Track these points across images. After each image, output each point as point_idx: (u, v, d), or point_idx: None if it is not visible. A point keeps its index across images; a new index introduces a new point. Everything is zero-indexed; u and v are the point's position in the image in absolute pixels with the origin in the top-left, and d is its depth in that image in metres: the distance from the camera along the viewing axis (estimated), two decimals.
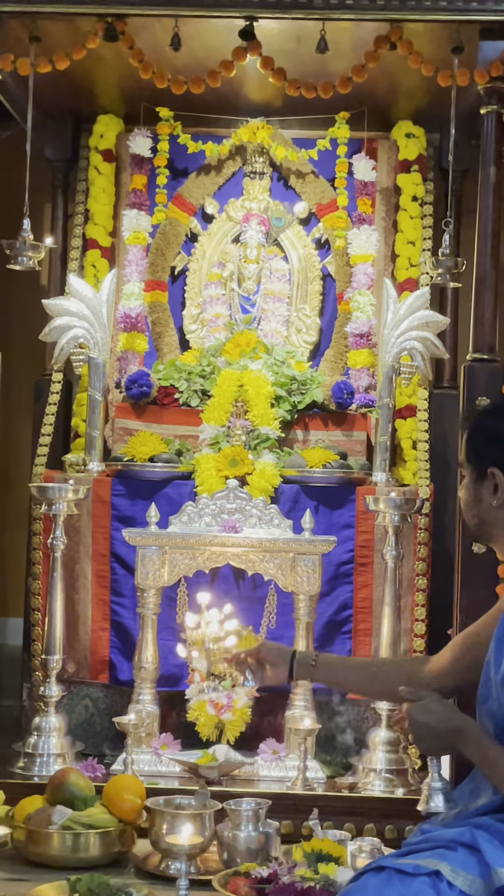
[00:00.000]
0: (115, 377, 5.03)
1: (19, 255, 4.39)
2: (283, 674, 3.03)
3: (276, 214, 5.18)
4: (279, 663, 3.03)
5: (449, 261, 4.35)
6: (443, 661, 2.89)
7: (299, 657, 3.02)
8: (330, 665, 3.04)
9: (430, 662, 2.93)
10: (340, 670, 3.06)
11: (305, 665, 3.00)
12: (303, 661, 3.01)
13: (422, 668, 2.91)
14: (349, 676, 3.06)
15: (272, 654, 3.07)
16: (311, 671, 3.00)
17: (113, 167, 5.23)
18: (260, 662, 3.07)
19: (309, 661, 3.01)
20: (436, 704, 2.55)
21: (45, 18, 4.27)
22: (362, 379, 4.95)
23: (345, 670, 3.07)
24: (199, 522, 4.28)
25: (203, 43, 4.43)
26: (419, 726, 2.55)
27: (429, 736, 2.55)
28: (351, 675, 3.05)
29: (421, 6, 4.15)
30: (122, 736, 4.07)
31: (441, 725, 2.53)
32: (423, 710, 2.56)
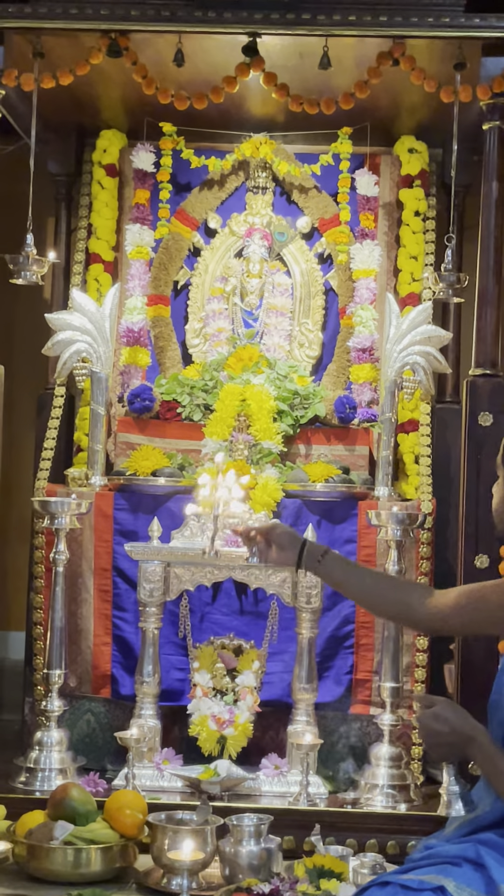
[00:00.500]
0: (118, 391, 5.04)
1: (23, 269, 4.41)
2: (290, 559, 3.00)
3: (278, 229, 5.19)
4: (288, 547, 3.00)
5: (451, 276, 4.36)
6: (445, 603, 2.81)
7: (309, 547, 2.98)
8: (335, 565, 2.97)
9: (431, 596, 2.84)
10: (342, 574, 2.98)
11: (313, 558, 2.97)
12: (312, 552, 2.97)
13: (421, 599, 2.84)
14: (349, 582, 2.98)
15: (284, 537, 3.03)
16: (315, 566, 2.97)
17: (116, 182, 5.25)
18: (268, 542, 3.03)
19: (317, 555, 2.97)
20: (448, 712, 2.55)
21: (49, 34, 4.30)
22: (365, 393, 4.95)
23: (346, 575, 2.98)
24: (201, 537, 4.28)
25: (206, 59, 4.45)
26: (430, 733, 2.55)
27: (440, 742, 2.55)
28: (351, 581, 2.98)
29: (424, 23, 4.18)
30: (124, 751, 4.06)
31: (452, 732, 2.53)
32: (435, 717, 2.55)
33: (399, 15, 4.18)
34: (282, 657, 4.38)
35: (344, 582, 2.99)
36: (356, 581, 2.97)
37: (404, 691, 4.32)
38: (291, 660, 4.28)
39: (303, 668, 4.21)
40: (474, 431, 4.27)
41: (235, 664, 4.29)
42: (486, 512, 4.19)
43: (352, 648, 4.47)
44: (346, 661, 4.47)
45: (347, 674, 4.46)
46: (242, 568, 4.24)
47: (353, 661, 4.47)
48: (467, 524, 4.22)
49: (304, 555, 2.97)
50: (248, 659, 4.29)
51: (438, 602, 2.81)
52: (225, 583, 4.40)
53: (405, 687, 4.33)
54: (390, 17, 4.17)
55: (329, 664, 4.45)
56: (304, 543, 3.00)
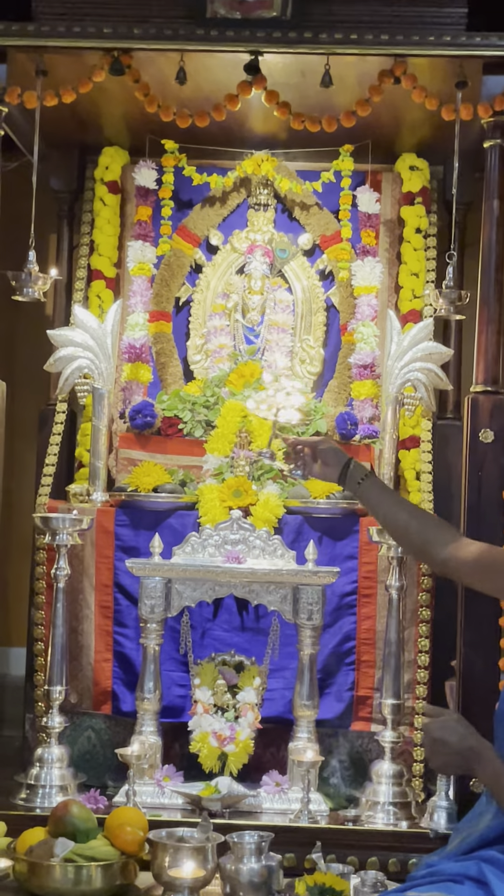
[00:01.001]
0: (120, 407, 5.05)
1: (25, 286, 4.42)
2: (333, 475, 3.04)
3: (280, 246, 5.20)
4: (332, 464, 3.04)
5: (453, 293, 4.37)
6: (465, 553, 2.79)
7: (353, 468, 3.01)
8: (373, 489, 2.99)
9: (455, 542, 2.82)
10: (378, 500, 2.99)
11: (354, 479, 3.00)
12: (354, 473, 3.00)
13: (444, 542, 2.83)
14: (382, 509, 2.99)
15: (329, 454, 3.07)
16: (355, 487, 3.00)
17: (118, 199, 5.26)
18: (314, 456, 3.08)
19: (358, 476, 2.99)
20: (454, 723, 2.54)
21: (52, 52, 4.32)
22: (366, 410, 4.96)
23: (381, 502, 2.98)
24: (202, 553, 4.28)
25: (208, 76, 4.46)
26: (436, 742, 2.54)
27: (444, 753, 2.54)
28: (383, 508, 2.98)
29: (425, 41, 4.19)
30: (125, 767, 4.06)
31: (457, 744, 2.52)
32: (442, 727, 2.55)
33: (400, 33, 4.20)
34: (283, 674, 4.37)
35: (377, 507, 3.00)
36: (388, 509, 2.97)
37: (405, 708, 4.31)
38: (292, 676, 4.27)
39: (304, 684, 4.21)
40: (475, 448, 4.27)
41: (236, 681, 4.28)
42: (488, 529, 4.21)
43: (353, 665, 4.46)
44: (348, 678, 4.46)
45: (349, 690, 4.46)
46: (243, 584, 4.24)
47: (354, 678, 4.46)
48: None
49: (348, 474, 3.01)
50: (249, 675, 4.28)
51: (459, 550, 2.80)
52: (226, 599, 4.40)
53: (406, 704, 4.33)
54: (392, 35, 4.19)
55: (330, 681, 4.44)
56: (349, 463, 3.03)
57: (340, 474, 3.02)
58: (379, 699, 4.32)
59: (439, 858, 2.60)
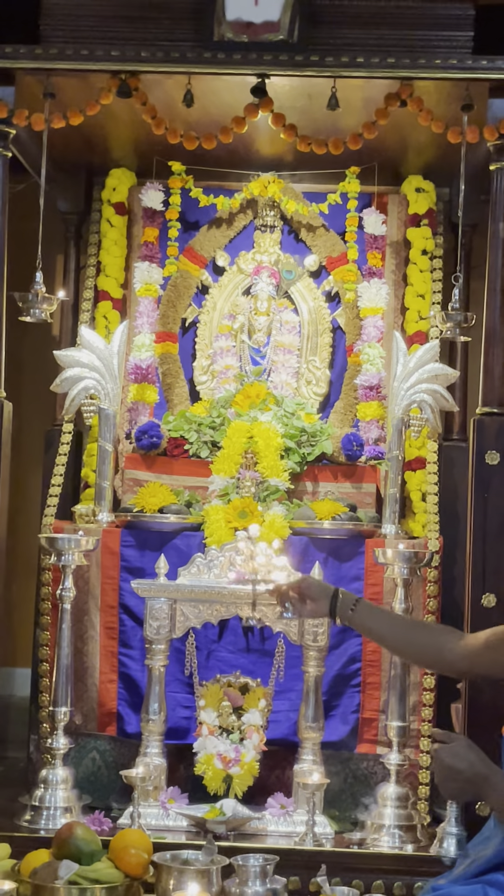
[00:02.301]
0: (126, 428, 5.05)
1: (32, 307, 4.43)
2: (323, 609, 3.09)
3: (286, 267, 5.22)
4: (320, 598, 3.09)
5: (459, 315, 4.38)
6: (474, 644, 2.88)
7: (342, 599, 3.06)
8: (368, 615, 3.06)
9: (462, 639, 2.92)
10: (375, 623, 3.06)
11: (346, 607, 3.04)
12: (344, 603, 3.05)
13: (452, 642, 2.91)
14: (383, 631, 3.07)
15: (313, 589, 3.12)
16: (349, 615, 3.04)
17: (125, 220, 5.28)
18: (301, 596, 3.13)
19: (349, 604, 3.04)
20: (464, 750, 2.54)
21: (59, 75, 4.34)
22: (372, 431, 4.96)
23: (379, 624, 3.07)
24: (208, 574, 4.28)
25: (215, 99, 4.48)
26: (446, 769, 2.54)
27: (454, 779, 2.54)
28: (385, 630, 3.06)
29: (431, 64, 4.21)
30: (130, 789, 4.04)
31: (467, 770, 2.52)
32: (452, 754, 2.55)
33: (407, 57, 4.22)
34: (288, 696, 4.36)
35: (378, 632, 3.09)
36: (388, 629, 3.06)
37: (411, 731, 4.30)
38: (298, 698, 4.26)
39: (309, 706, 4.20)
40: (481, 470, 4.27)
41: (242, 702, 4.27)
42: (494, 550, 4.20)
43: (358, 687, 4.45)
44: (353, 700, 4.45)
45: (354, 713, 4.45)
46: (249, 606, 4.23)
47: (359, 700, 4.45)
48: (474, 562, 4.21)
49: (338, 605, 3.06)
50: (254, 697, 4.27)
51: (468, 644, 2.89)
52: (231, 620, 4.39)
53: (412, 726, 4.31)
54: (398, 58, 4.21)
55: (336, 703, 4.43)
56: (336, 594, 3.08)
57: (330, 606, 3.08)
58: (384, 721, 4.30)
59: (446, 882, 2.59)
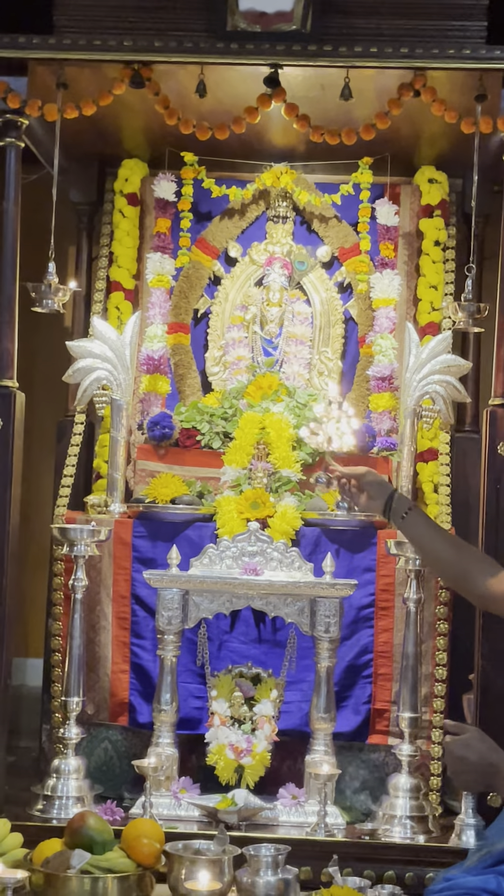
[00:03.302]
0: (138, 419, 5.05)
1: (44, 297, 4.43)
2: (378, 507, 3.16)
3: (298, 258, 5.21)
4: (376, 497, 3.16)
5: (471, 305, 4.37)
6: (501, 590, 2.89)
7: (396, 501, 3.12)
8: (416, 525, 3.10)
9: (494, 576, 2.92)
10: (422, 534, 3.11)
11: (398, 513, 3.11)
12: (398, 507, 3.12)
13: (483, 575, 2.93)
14: (425, 543, 3.11)
15: (373, 486, 3.18)
16: (399, 520, 3.11)
17: (137, 211, 5.28)
18: (360, 489, 3.19)
19: (402, 510, 3.11)
20: (476, 741, 2.54)
21: (72, 65, 4.33)
22: (384, 422, 4.95)
23: (425, 536, 3.10)
24: (220, 565, 4.28)
25: (228, 90, 4.47)
26: (458, 760, 2.55)
27: (466, 771, 2.54)
28: (425, 542, 3.11)
29: (445, 54, 4.19)
30: (142, 779, 4.05)
31: (479, 762, 2.52)
32: (464, 745, 2.55)
33: (420, 47, 4.20)
34: (300, 686, 4.37)
35: (421, 539, 3.11)
36: (431, 542, 3.08)
37: (423, 722, 4.30)
38: (309, 689, 4.26)
39: (321, 697, 4.20)
40: (494, 461, 4.26)
41: (253, 693, 4.28)
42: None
43: (370, 678, 4.45)
44: (365, 691, 4.45)
45: (366, 704, 4.45)
46: (261, 596, 4.24)
47: (371, 691, 4.45)
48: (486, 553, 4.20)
49: (392, 507, 3.11)
50: (266, 688, 4.27)
51: (495, 585, 2.86)
52: (243, 611, 4.40)
53: (424, 717, 4.31)
54: (411, 48, 4.19)
55: (347, 694, 4.43)
56: (393, 494, 3.13)
57: (385, 506, 3.13)
58: (396, 712, 4.30)
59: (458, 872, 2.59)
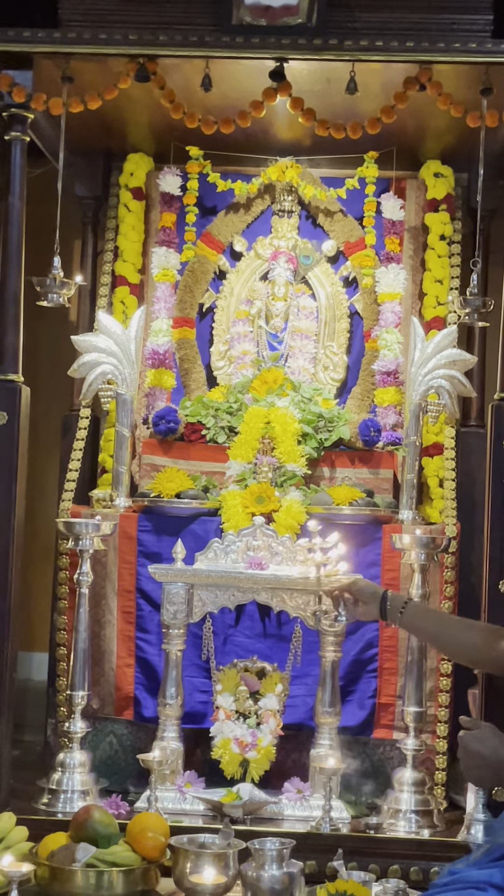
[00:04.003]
0: (143, 413, 5.05)
1: (49, 291, 4.43)
2: (374, 612, 3.25)
3: (304, 252, 5.20)
4: (370, 602, 3.26)
5: (477, 300, 4.36)
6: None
7: (391, 601, 3.21)
8: (416, 616, 3.20)
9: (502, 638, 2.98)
10: (425, 624, 3.21)
11: (395, 610, 3.20)
12: (394, 605, 3.20)
13: (490, 640, 2.98)
14: (432, 631, 3.21)
15: (364, 593, 3.28)
16: (398, 617, 3.19)
17: (142, 205, 5.27)
18: (355, 598, 3.28)
19: (398, 607, 3.19)
20: (490, 736, 2.55)
21: (77, 59, 4.32)
22: (389, 417, 4.95)
23: (429, 624, 3.21)
24: (225, 559, 4.28)
25: (233, 83, 4.47)
26: (471, 755, 2.56)
27: (479, 766, 2.55)
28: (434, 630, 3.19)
29: (451, 48, 4.18)
30: (147, 773, 4.05)
31: (492, 757, 2.53)
32: (477, 740, 2.56)
33: (426, 40, 4.19)
34: (305, 680, 4.37)
35: (424, 630, 3.24)
36: (434, 629, 3.19)
37: (427, 716, 4.30)
38: (314, 683, 4.26)
39: (326, 691, 4.20)
40: (499, 455, 4.25)
41: (258, 687, 4.28)
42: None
43: (375, 672, 4.45)
44: (370, 686, 4.45)
45: (371, 698, 4.45)
46: (266, 591, 4.24)
47: (376, 686, 4.45)
48: (492, 548, 4.20)
49: (388, 608, 3.22)
50: (271, 682, 4.27)
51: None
52: (248, 605, 4.40)
53: (429, 712, 4.31)
54: (417, 42, 4.19)
55: (352, 688, 4.44)
56: (384, 596, 3.22)
57: (380, 608, 3.22)
58: (401, 707, 4.30)
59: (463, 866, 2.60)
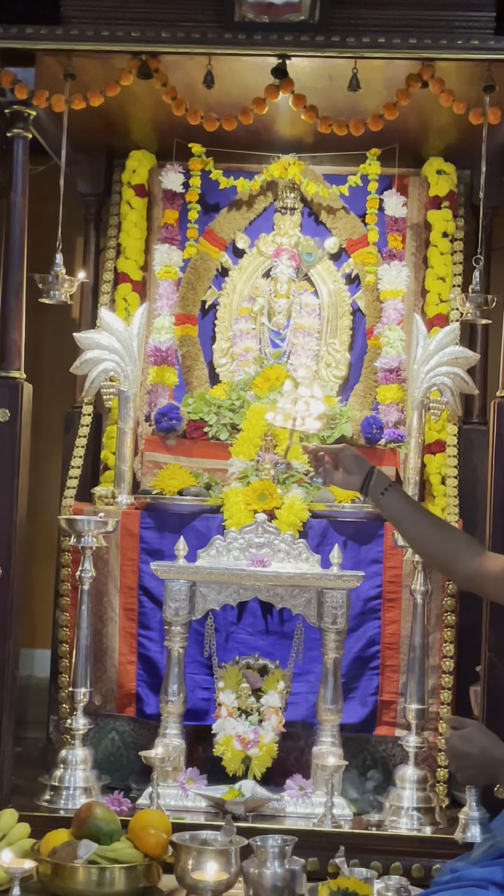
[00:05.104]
0: (145, 410, 5.06)
1: (51, 289, 4.43)
2: (355, 483, 3.06)
3: (306, 250, 5.20)
4: (354, 472, 3.06)
5: (479, 297, 4.36)
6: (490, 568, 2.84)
7: (376, 478, 3.03)
8: (396, 500, 3.02)
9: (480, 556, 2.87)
10: (401, 510, 3.02)
11: (377, 489, 3.02)
12: (377, 484, 3.02)
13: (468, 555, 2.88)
14: (405, 521, 3.02)
15: (351, 461, 3.08)
16: (378, 497, 3.02)
17: (145, 202, 5.27)
18: (335, 463, 3.09)
19: (381, 486, 3.01)
20: (478, 735, 2.55)
21: (80, 56, 4.32)
22: (391, 414, 4.95)
23: (405, 514, 3.01)
24: (227, 556, 4.28)
25: (236, 80, 4.46)
26: (459, 755, 2.55)
27: (468, 765, 2.54)
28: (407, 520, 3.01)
29: (453, 45, 4.17)
30: (149, 770, 4.05)
31: (481, 755, 2.52)
32: (465, 740, 2.55)
33: (428, 37, 4.19)
34: (307, 678, 4.37)
35: (400, 518, 3.02)
36: (411, 521, 3.00)
37: (430, 713, 4.30)
38: (317, 680, 4.27)
39: (328, 688, 4.20)
40: (502, 453, 4.25)
41: (260, 684, 4.28)
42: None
43: (377, 670, 4.46)
44: (372, 683, 4.46)
45: (373, 695, 4.45)
46: (268, 588, 4.24)
47: (378, 683, 4.46)
48: (494, 545, 4.19)
49: (371, 483, 3.02)
50: (273, 679, 4.28)
51: (484, 565, 2.83)
52: (250, 602, 4.40)
53: (431, 709, 4.32)
54: (419, 39, 4.18)
55: (354, 685, 4.44)
56: (372, 471, 3.03)
57: (363, 483, 3.03)
58: (403, 704, 4.30)
59: (464, 864, 2.60)
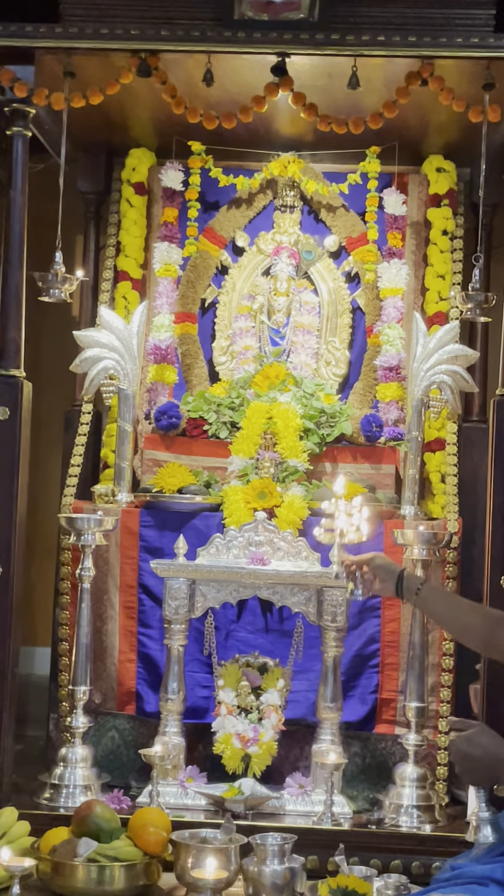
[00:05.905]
0: (145, 408, 5.06)
1: (51, 287, 4.43)
2: (390, 589, 3.20)
3: (306, 248, 5.20)
4: (386, 579, 3.20)
5: (479, 295, 4.36)
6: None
7: (407, 580, 3.16)
8: (430, 599, 3.15)
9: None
10: (436, 606, 3.16)
11: (411, 590, 3.15)
12: (410, 586, 3.15)
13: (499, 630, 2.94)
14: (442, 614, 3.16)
15: (382, 570, 3.22)
16: (412, 598, 3.15)
17: (145, 200, 5.27)
18: (373, 574, 3.23)
19: (414, 587, 3.14)
20: (482, 736, 2.55)
21: (79, 54, 4.32)
22: (391, 412, 4.95)
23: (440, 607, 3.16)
24: (227, 554, 4.28)
25: (235, 78, 4.46)
26: (464, 757, 2.55)
27: (473, 767, 2.55)
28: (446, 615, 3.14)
29: (452, 43, 4.17)
30: (149, 768, 4.06)
31: (485, 757, 2.53)
32: (469, 742, 2.55)
33: (428, 35, 4.19)
34: (307, 676, 4.37)
35: (438, 612, 3.18)
36: (449, 612, 3.12)
37: (429, 711, 4.30)
38: (316, 678, 4.27)
39: (328, 686, 4.20)
40: (501, 451, 4.25)
41: (260, 682, 4.28)
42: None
43: (377, 668, 4.46)
44: (372, 681, 4.46)
45: (372, 693, 4.45)
46: (268, 586, 4.24)
47: (378, 681, 4.46)
48: (494, 544, 4.20)
49: (403, 586, 3.16)
50: (273, 677, 4.28)
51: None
52: (250, 601, 4.40)
53: (430, 707, 4.32)
54: (419, 37, 4.18)
55: (354, 683, 4.44)
56: (401, 575, 3.17)
57: (396, 587, 3.18)
58: (403, 702, 4.31)
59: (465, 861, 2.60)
